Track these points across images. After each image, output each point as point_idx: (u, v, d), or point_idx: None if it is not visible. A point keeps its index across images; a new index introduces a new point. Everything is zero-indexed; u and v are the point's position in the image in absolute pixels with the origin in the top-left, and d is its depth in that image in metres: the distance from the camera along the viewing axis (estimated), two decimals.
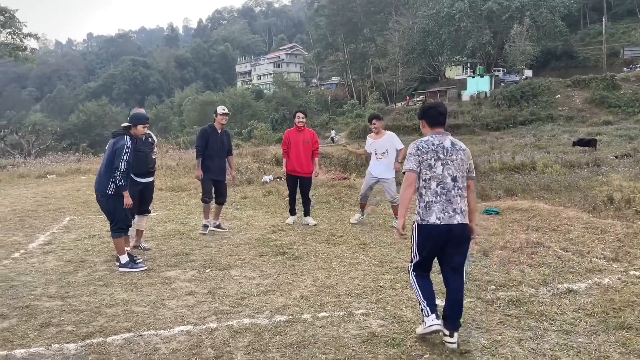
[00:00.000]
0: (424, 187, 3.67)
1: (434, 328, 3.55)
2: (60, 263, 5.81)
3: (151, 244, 6.65)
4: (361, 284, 4.98)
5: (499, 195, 12.84)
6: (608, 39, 58.22)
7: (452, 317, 3.60)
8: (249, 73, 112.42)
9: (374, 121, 7.81)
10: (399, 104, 61.51)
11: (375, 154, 7.73)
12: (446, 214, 3.59)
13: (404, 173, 3.76)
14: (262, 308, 4.33)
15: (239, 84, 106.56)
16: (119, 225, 5.57)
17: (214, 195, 7.36)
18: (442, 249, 3.68)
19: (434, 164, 3.64)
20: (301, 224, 7.93)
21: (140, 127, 5.79)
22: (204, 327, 3.92)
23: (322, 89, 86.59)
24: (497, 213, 8.01)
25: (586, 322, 3.93)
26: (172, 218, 8.61)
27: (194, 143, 8.02)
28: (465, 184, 3.71)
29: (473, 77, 58.39)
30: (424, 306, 3.64)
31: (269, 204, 9.87)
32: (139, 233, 6.56)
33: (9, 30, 27.23)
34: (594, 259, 5.57)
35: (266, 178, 13.00)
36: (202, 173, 7.24)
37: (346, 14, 75.74)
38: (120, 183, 5.39)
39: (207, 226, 7.38)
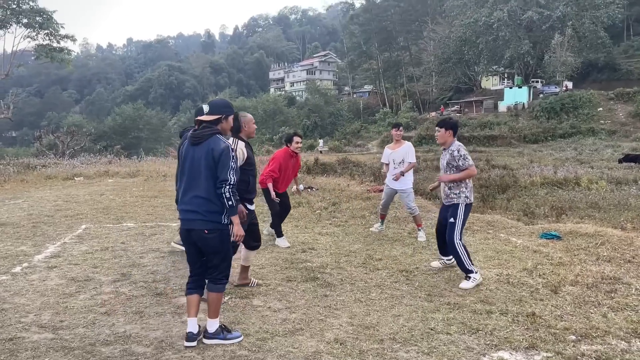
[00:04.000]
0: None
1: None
2: (63, 282, 5.15)
3: (175, 266, 5.91)
4: (407, 324, 4.13)
5: (546, 214, 11.92)
6: None
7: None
8: (282, 80, 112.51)
9: (401, 128, 7.69)
10: (433, 113, 60.30)
11: (393, 163, 7.54)
12: None
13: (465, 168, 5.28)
14: (288, 355, 3.53)
15: (272, 90, 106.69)
16: (227, 272, 3.85)
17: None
18: None
19: None
20: (332, 242, 7.13)
21: (231, 118, 3.86)
22: None
23: (355, 96, 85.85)
24: (558, 238, 7.03)
25: None
26: None
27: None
28: None
29: (511, 88, 56.74)
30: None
31: (298, 217, 9.08)
32: (245, 269, 5.16)
33: (46, 31, 27.40)
34: None
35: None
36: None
37: (381, 23, 75.02)
38: (231, 202, 3.58)
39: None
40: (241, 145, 4.67)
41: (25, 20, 27.29)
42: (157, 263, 5.89)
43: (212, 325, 3.75)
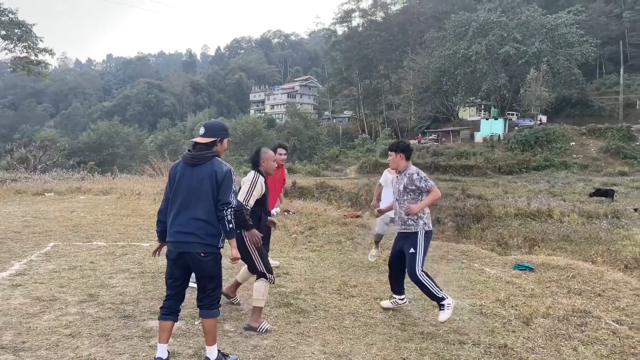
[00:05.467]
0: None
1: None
2: (27, 301, 4.97)
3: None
4: (380, 353, 4.09)
5: (519, 245, 12.12)
6: (624, 90, 57.90)
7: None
8: (262, 102, 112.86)
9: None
10: (411, 141, 61.11)
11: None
12: None
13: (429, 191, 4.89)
14: None
15: (252, 112, 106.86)
16: (220, 296, 3.81)
17: None
18: None
19: None
20: (307, 268, 7.07)
21: (226, 141, 3.87)
22: None
23: (334, 122, 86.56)
24: (531, 269, 7.11)
25: None
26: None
27: None
28: None
29: (487, 119, 58.03)
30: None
31: (273, 240, 8.95)
32: (237, 284, 5.25)
33: (24, 44, 27.10)
34: None
35: (272, 211, 12.13)
36: None
37: (362, 50, 76.52)
38: (232, 225, 3.59)
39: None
40: (262, 180, 4.75)
41: (3, 32, 26.96)
42: (127, 284, 5.74)
43: (212, 353, 3.67)
